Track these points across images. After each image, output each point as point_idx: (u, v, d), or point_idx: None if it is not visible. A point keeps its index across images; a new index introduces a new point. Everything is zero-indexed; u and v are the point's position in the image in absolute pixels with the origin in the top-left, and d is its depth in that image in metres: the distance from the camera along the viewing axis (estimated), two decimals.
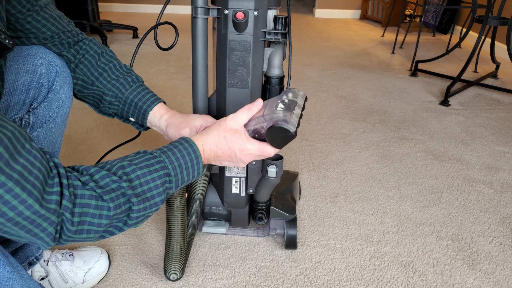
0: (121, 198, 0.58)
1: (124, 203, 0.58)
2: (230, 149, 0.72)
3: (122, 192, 0.58)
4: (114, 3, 4.49)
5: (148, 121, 0.87)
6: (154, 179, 0.62)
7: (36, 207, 0.49)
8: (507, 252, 1.11)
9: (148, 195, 0.61)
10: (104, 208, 0.56)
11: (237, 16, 0.83)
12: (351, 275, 1.01)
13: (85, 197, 0.55)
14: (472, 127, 1.88)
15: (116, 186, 0.58)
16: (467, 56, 2.39)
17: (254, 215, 1.07)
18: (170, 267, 0.93)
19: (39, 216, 0.50)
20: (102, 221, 0.57)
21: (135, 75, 0.88)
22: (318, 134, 1.74)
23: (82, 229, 0.55)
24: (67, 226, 0.54)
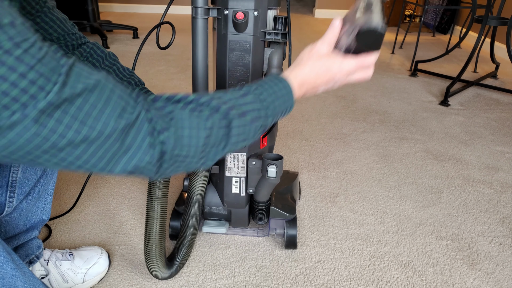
0: (215, 114, 0.56)
1: (220, 117, 0.57)
2: (329, 73, 0.68)
3: (215, 107, 0.56)
4: (114, 3, 4.49)
5: None
6: (246, 102, 0.60)
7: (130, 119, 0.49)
8: (506, 252, 1.11)
9: (244, 109, 0.59)
10: (202, 117, 0.55)
11: (237, 16, 0.83)
12: (351, 275, 1.01)
13: (177, 112, 0.54)
14: (472, 127, 1.88)
15: (207, 100, 0.57)
16: (467, 56, 2.40)
17: (254, 215, 1.07)
18: (150, 262, 0.90)
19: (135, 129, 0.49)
20: (200, 133, 0.54)
21: (138, 78, 0.89)
22: (318, 134, 1.75)
23: (182, 144, 0.53)
24: (167, 142, 0.52)
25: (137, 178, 1.36)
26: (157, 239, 0.88)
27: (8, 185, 0.79)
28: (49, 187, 0.89)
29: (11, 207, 0.81)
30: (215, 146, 0.57)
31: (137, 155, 0.50)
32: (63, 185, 1.32)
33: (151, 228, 0.88)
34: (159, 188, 0.86)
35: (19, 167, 0.80)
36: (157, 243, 0.88)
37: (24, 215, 0.85)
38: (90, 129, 0.46)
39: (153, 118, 0.51)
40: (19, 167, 0.80)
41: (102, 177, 1.37)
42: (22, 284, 0.61)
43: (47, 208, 0.91)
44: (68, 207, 1.21)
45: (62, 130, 0.44)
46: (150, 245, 0.88)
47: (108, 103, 0.47)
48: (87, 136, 0.46)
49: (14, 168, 0.79)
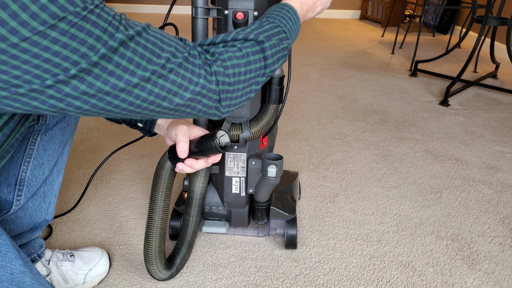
0: (247, 43, 0.65)
1: (252, 44, 0.65)
2: None
3: (244, 38, 0.65)
4: (114, 3, 4.49)
5: (157, 125, 0.87)
6: (266, 29, 0.68)
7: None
8: (506, 252, 1.11)
9: (269, 33, 0.67)
10: (236, 51, 0.64)
11: (237, 16, 0.83)
12: (351, 275, 1.01)
13: (218, 50, 0.63)
14: (472, 127, 1.88)
15: (235, 35, 0.66)
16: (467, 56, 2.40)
17: (254, 215, 1.07)
18: (149, 263, 0.90)
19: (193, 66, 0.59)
20: (240, 61, 0.63)
21: None
22: (318, 134, 1.75)
23: (229, 73, 0.62)
24: (218, 73, 0.61)
25: (138, 178, 1.36)
26: (157, 242, 0.88)
27: (16, 184, 0.80)
28: (54, 188, 0.90)
29: (18, 205, 0.81)
30: (257, 70, 0.66)
31: (200, 82, 0.59)
32: (63, 185, 1.32)
33: (152, 230, 0.88)
34: (161, 191, 0.87)
35: (29, 167, 0.81)
36: (157, 246, 0.89)
37: (28, 215, 0.86)
38: (156, 64, 0.54)
39: (202, 53, 0.61)
40: (29, 167, 0.81)
41: (102, 177, 1.37)
42: (30, 281, 0.61)
43: (51, 208, 0.91)
44: (69, 207, 1.21)
45: (134, 67, 0.52)
46: (150, 247, 0.88)
47: (163, 42, 0.56)
48: (155, 71, 0.54)
49: (24, 167, 0.80)
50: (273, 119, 0.95)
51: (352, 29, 4.01)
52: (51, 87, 0.47)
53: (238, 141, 0.92)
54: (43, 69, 0.45)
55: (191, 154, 0.78)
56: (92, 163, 1.45)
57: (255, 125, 0.93)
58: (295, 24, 0.73)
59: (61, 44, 0.45)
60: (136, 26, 0.53)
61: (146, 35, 0.54)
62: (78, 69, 0.47)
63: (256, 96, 0.94)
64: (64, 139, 0.86)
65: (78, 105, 0.51)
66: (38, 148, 0.81)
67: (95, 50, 0.48)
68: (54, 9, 0.43)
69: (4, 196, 0.79)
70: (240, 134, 0.92)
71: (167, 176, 0.86)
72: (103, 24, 0.48)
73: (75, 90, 0.49)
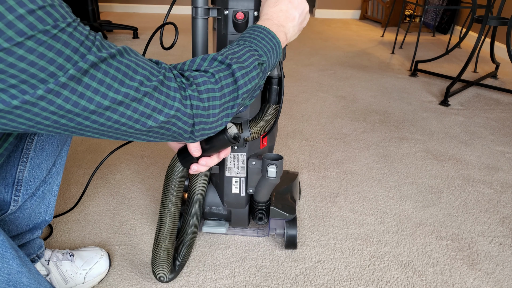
0: (226, 71, 0.64)
1: (224, 67, 0.64)
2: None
3: (227, 64, 0.64)
4: (114, 3, 4.49)
5: None
6: (236, 50, 0.67)
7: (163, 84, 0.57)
8: (506, 252, 1.11)
9: (245, 63, 0.65)
10: (210, 76, 0.62)
11: (237, 16, 0.83)
12: (351, 275, 1.01)
13: (192, 77, 0.62)
14: (472, 127, 1.88)
15: (221, 59, 0.64)
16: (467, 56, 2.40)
17: (254, 215, 1.07)
18: (156, 266, 0.91)
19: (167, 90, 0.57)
20: (216, 90, 0.62)
21: None
22: (318, 134, 1.75)
23: (203, 98, 0.61)
24: (193, 97, 0.60)
25: (138, 178, 1.36)
26: (167, 246, 0.89)
27: (14, 184, 0.80)
28: (53, 188, 0.89)
29: (16, 205, 0.81)
30: (230, 93, 0.64)
31: (174, 105, 0.58)
32: (63, 185, 1.32)
33: (163, 234, 0.88)
34: (172, 195, 0.87)
35: (26, 167, 0.80)
36: (166, 250, 0.89)
37: (27, 215, 0.86)
38: (128, 87, 0.53)
39: (178, 77, 0.60)
40: (26, 167, 0.80)
41: (102, 177, 1.37)
42: (27, 281, 0.61)
43: (50, 209, 0.91)
44: (69, 207, 1.21)
45: (105, 88, 0.51)
46: (160, 251, 0.89)
47: (137, 65, 0.55)
48: (127, 94, 0.53)
49: (21, 167, 0.80)
50: (273, 119, 0.95)
51: (352, 29, 4.00)
52: (18, 108, 0.46)
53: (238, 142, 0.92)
54: (9, 85, 0.44)
55: (203, 152, 0.78)
56: (92, 163, 1.45)
57: (255, 125, 0.93)
58: (270, 42, 0.71)
59: (28, 61, 0.44)
60: (110, 48, 0.52)
61: (120, 58, 0.52)
62: (45, 89, 0.46)
63: (256, 96, 0.94)
64: (62, 139, 0.86)
65: (47, 123, 0.50)
66: (35, 148, 0.81)
67: (64, 70, 0.46)
68: (21, 27, 0.42)
69: (2, 197, 0.79)
70: (240, 134, 0.92)
71: (178, 179, 0.86)
72: (74, 44, 0.47)
73: (44, 110, 0.48)
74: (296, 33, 0.79)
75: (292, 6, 0.76)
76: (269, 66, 0.71)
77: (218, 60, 0.64)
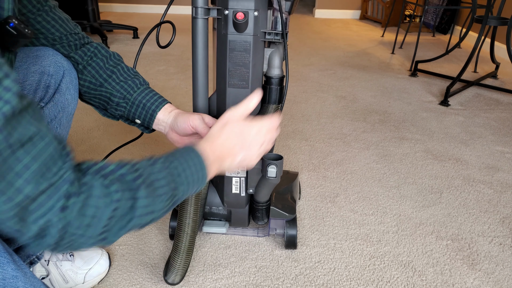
0: (127, 191, 0.54)
1: (131, 196, 0.54)
2: (240, 136, 0.70)
3: (126, 180, 0.54)
4: (114, 3, 4.49)
5: (156, 120, 0.88)
6: (165, 177, 0.58)
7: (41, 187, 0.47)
8: (506, 252, 1.11)
9: (156, 192, 0.57)
10: (110, 195, 0.52)
11: (237, 16, 0.83)
12: (351, 275, 1.01)
13: (87, 185, 0.51)
14: (472, 127, 1.88)
15: (122, 172, 0.54)
16: (467, 56, 2.40)
17: (254, 215, 1.07)
18: (172, 271, 0.94)
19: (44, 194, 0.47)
20: (106, 210, 0.51)
21: (142, 78, 0.90)
22: (318, 134, 1.75)
23: (84, 214, 0.50)
24: (73, 210, 0.49)
25: None
26: (185, 253, 0.92)
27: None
28: None
29: None
30: (122, 216, 0.53)
31: (47, 215, 0.47)
32: None
33: (181, 241, 0.91)
34: (192, 198, 0.90)
35: None
36: (184, 257, 0.92)
37: None
38: (8, 185, 0.44)
39: (74, 183, 0.49)
40: None
41: None
42: (23, 285, 0.61)
43: None
44: None
45: None
46: (178, 257, 0.92)
47: (35, 160, 0.45)
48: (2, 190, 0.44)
49: None
50: None
51: (352, 29, 4.00)
52: None
53: None
54: None
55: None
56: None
57: None
58: (196, 173, 0.63)
59: None
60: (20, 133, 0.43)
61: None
62: None
63: None
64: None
65: None
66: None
67: None
68: None
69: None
70: None
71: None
72: None
73: None
74: (231, 169, 0.73)
75: (241, 146, 0.70)
76: (181, 199, 0.63)
77: (127, 180, 0.54)
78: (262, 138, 0.73)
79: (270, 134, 0.75)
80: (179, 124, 0.85)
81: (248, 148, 0.71)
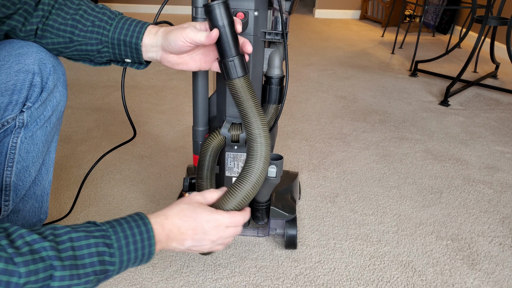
0: (40, 262, 0.46)
1: (43, 270, 0.46)
2: (197, 221, 0.64)
3: (41, 256, 0.47)
4: (114, 3, 4.49)
5: (144, 49, 0.75)
6: (89, 245, 0.51)
7: None
8: (506, 252, 1.11)
9: (79, 262, 0.49)
10: (14, 273, 0.44)
11: (237, 16, 0.83)
12: (351, 275, 1.01)
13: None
14: (472, 127, 1.88)
15: (37, 247, 0.47)
16: (467, 56, 2.40)
17: (254, 215, 1.07)
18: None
19: None
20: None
21: (109, 11, 0.77)
22: (318, 134, 1.75)
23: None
24: None
25: (138, 178, 1.36)
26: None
27: (2, 189, 0.78)
28: (45, 187, 0.88)
29: (7, 210, 0.80)
30: None
31: None
32: (63, 185, 1.32)
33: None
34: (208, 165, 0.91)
35: (12, 171, 0.79)
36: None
37: (21, 217, 0.85)
38: None
39: None
40: (12, 171, 0.79)
41: (102, 177, 1.37)
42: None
43: (44, 207, 0.90)
44: (68, 208, 1.21)
45: None
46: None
47: None
48: None
49: (7, 172, 0.78)
50: (273, 119, 0.95)
51: (352, 29, 4.00)
52: None
53: (238, 141, 0.92)
54: None
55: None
56: (92, 163, 1.45)
57: None
58: (140, 250, 0.56)
59: None
60: None
61: None
62: None
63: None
64: (48, 139, 0.83)
65: None
66: (20, 152, 0.78)
67: None
68: None
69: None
70: (240, 134, 0.92)
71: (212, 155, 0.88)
72: None
73: None
74: (175, 250, 0.67)
75: (193, 233, 0.64)
76: (116, 275, 0.57)
77: (38, 254, 0.47)
78: (219, 234, 0.67)
79: (231, 230, 0.69)
80: (172, 43, 0.71)
81: (200, 240, 0.66)
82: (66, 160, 1.46)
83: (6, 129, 0.76)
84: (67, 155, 1.49)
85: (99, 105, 1.94)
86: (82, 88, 2.17)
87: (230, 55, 0.70)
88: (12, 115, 0.75)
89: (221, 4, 0.67)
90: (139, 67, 0.80)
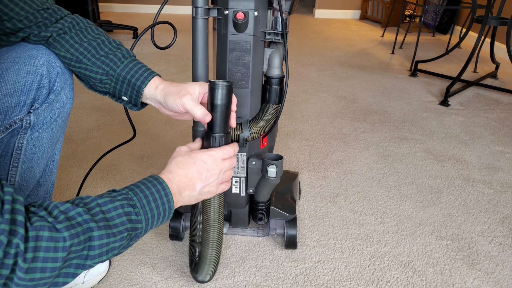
0: (78, 227, 0.52)
1: (82, 232, 0.52)
2: (197, 164, 0.69)
3: (78, 221, 0.53)
4: (114, 3, 4.49)
5: (144, 96, 0.80)
6: (116, 207, 0.57)
7: None
8: (506, 252, 1.11)
9: (111, 223, 0.56)
10: (59, 239, 0.50)
11: (237, 16, 0.83)
12: (351, 275, 1.01)
13: (35, 229, 0.49)
14: (472, 127, 1.88)
15: (72, 214, 0.53)
16: (467, 56, 2.40)
17: (254, 215, 1.07)
18: (203, 270, 0.91)
19: None
20: (58, 255, 0.50)
21: (126, 50, 0.81)
22: (318, 134, 1.75)
23: (36, 267, 0.48)
24: (18, 263, 0.47)
25: (138, 178, 1.36)
26: (216, 249, 0.89)
27: None
28: (48, 188, 0.89)
29: None
30: (77, 258, 0.53)
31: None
32: (63, 185, 1.32)
33: (211, 240, 0.87)
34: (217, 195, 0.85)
35: (17, 171, 0.79)
36: (214, 254, 0.89)
37: None
38: None
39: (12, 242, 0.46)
40: (17, 171, 0.79)
41: (102, 177, 1.37)
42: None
43: None
44: None
45: None
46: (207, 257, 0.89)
47: None
48: None
49: (12, 172, 0.78)
50: (273, 119, 0.95)
51: (352, 29, 4.00)
52: None
53: (238, 141, 0.92)
54: None
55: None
56: (92, 163, 1.45)
57: (255, 125, 0.93)
58: (161, 206, 0.62)
59: None
60: None
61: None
62: None
63: (256, 96, 0.94)
64: (54, 140, 0.84)
65: None
66: (25, 152, 0.79)
67: None
68: None
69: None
70: (240, 134, 0.92)
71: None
72: None
73: None
74: (190, 203, 0.71)
75: (199, 176, 0.69)
76: (144, 233, 0.62)
77: (75, 220, 0.52)
78: (219, 167, 0.72)
79: (227, 162, 0.73)
80: (169, 106, 0.77)
81: (206, 178, 0.70)
82: (66, 160, 1.46)
83: (13, 129, 0.76)
84: (67, 155, 1.49)
85: (99, 105, 1.94)
86: (82, 88, 2.17)
87: (218, 131, 0.75)
88: (20, 115, 0.76)
89: (225, 87, 0.72)
90: (133, 108, 0.84)
